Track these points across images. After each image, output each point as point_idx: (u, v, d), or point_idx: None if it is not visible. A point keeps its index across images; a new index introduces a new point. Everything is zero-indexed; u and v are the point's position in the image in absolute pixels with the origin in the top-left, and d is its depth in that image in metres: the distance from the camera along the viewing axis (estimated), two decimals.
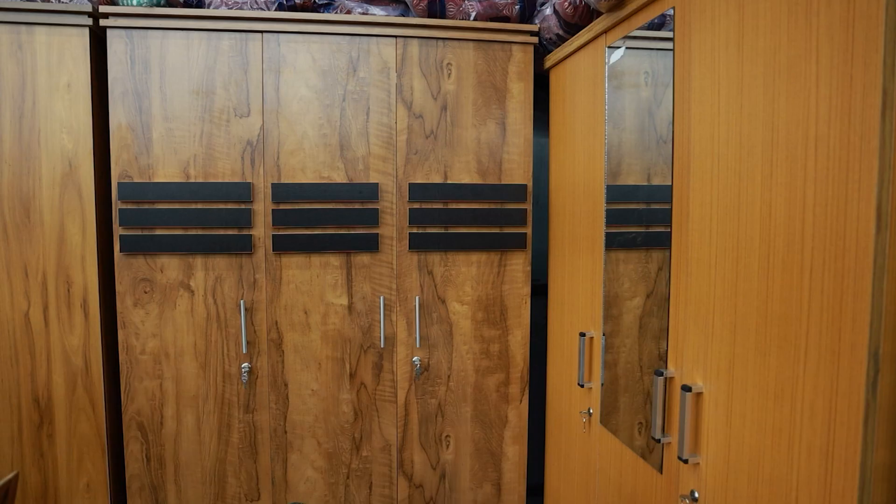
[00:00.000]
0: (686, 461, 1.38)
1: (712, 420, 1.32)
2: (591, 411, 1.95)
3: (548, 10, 2.09)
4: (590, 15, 1.96)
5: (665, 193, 1.67)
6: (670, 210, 1.54)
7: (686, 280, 1.44)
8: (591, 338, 1.95)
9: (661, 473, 1.55)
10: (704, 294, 1.35)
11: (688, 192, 1.43)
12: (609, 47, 1.81)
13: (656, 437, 1.52)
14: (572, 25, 2.00)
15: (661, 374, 1.51)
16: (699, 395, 1.37)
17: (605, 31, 1.81)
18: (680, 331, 1.48)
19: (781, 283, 1.07)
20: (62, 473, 2.06)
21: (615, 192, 1.84)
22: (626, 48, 1.75)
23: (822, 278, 0.97)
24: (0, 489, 1.30)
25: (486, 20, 2.14)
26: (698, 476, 1.38)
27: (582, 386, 1.96)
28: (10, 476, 1.36)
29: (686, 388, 1.37)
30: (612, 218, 1.85)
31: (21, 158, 1.97)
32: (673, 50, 1.49)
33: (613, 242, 1.84)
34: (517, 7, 2.14)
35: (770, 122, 1.10)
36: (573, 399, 2.08)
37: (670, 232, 1.53)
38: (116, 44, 1.99)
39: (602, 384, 1.88)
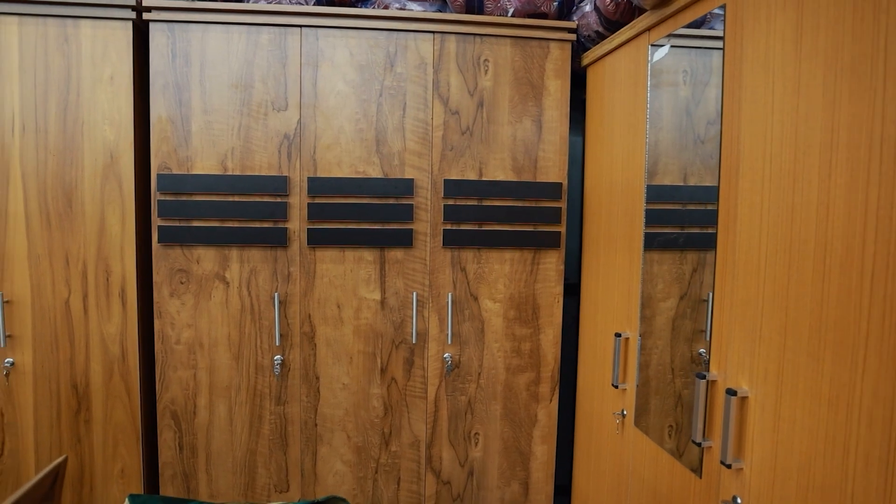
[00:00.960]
0: (729, 466, 1.36)
1: (758, 425, 1.30)
2: (625, 413, 1.93)
3: (587, 7, 2.07)
4: (632, 12, 1.94)
5: (703, 194, 1.65)
6: (712, 211, 1.52)
7: (732, 282, 1.42)
8: (627, 339, 1.93)
9: (701, 478, 1.53)
10: (752, 297, 1.32)
11: (736, 193, 1.41)
12: (652, 45, 1.79)
13: (697, 441, 1.50)
14: (613, 23, 1.98)
15: (704, 378, 1.49)
16: (744, 399, 1.34)
17: (649, 29, 1.79)
18: (724, 333, 1.45)
19: (839, 287, 1.05)
20: (98, 459, 2.09)
21: (653, 192, 1.82)
22: (671, 46, 1.72)
23: (884, 283, 0.95)
24: (51, 472, 1.32)
25: (524, 16, 2.12)
26: (741, 481, 1.35)
27: (616, 387, 1.94)
28: (59, 460, 1.38)
29: (731, 392, 1.34)
30: (650, 218, 1.83)
31: (65, 149, 2.00)
32: (723, 49, 1.46)
33: (653, 243, 1.82)
34: (555, 3, 2.12)
35: (830, 123, 1.08)
36: (605, 400, 2.06)
37: (715, 233, 1.51)
38: (158, 37, 2.01)
39: (637, 386, 1.87)
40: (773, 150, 1.25)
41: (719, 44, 1.54)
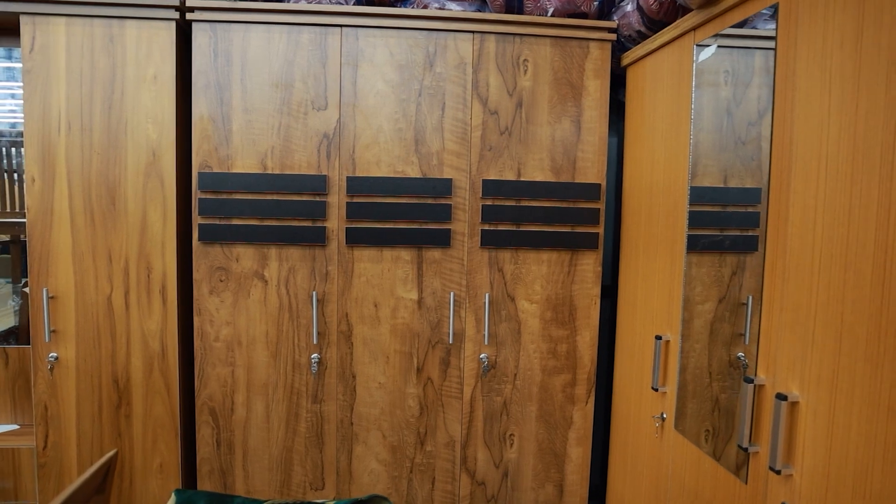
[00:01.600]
0: (779, 472, 1.33)
1: (810, 431, 1.27)
2: (665, 416, 1.91)
3: (629, 7, 2.05)
4: (675, 12, 1.92)
5: (746, 196, 1.62)
6: (753, 213, 1.50)
7: (782, 285, 1.39)
8: (668, 341, 1.90)
9: (746, 483, 1.51)
10: (803, 300, 1.30)
11: (787, 195, 1.38)
12: (697, 45, 1.77)
13: (743, 446, 1.48)
14: (656, 22, 1.96)
15: (751, 382, 1.47)
16: (795, 404, 1.32)
17: (694, 28, 1.77)
18: (773, 337, 1.43)
19: None
20: (137, 453, 2.12)
21: (695, 194, 1.80)
22: (718, 46, 1.70)
23: None
24: (103, 466, 1.34)
25: (564, 16, 2.11)
26: (791, 487, 1.33)
27: (656, 390, 1.92)
28: (111, 454, 1.41)
29: (781, 397, 1.32)
30: (693, 220, 1.81)
31: (109, 147, 2.03)
32: (774, 49, 1.44)
33: (696, 245, 1.80)
34: (595, 3, 2.10)
35: (893, 123, 1.05)
36: (644, 403, 2.04)
37: (757, 236, 1.48)
38: (201, 37, 2.03)
39: (678, 389, 1.84)
40: (830, 151, 1.23)
41: (766, 44, 1.51)
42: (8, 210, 2.32)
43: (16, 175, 2.33)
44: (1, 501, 2.10)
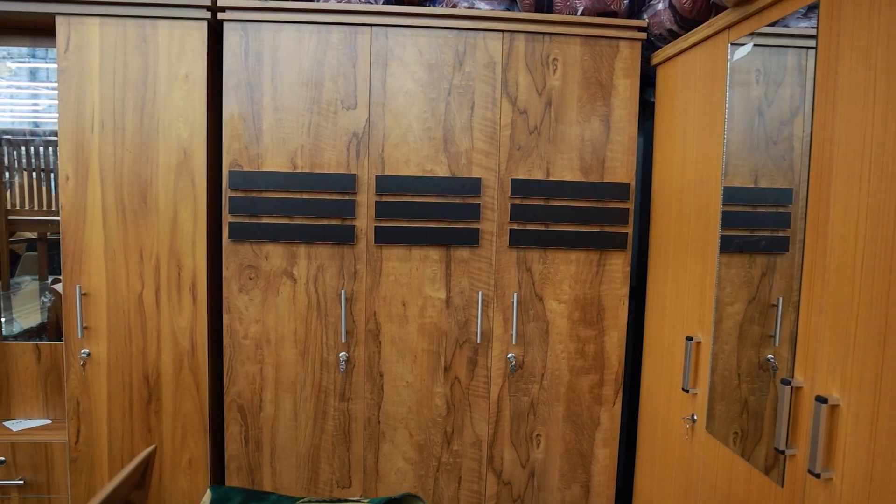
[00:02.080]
0: (818, 476, 1.32)
1: (851, 434, 1.26)
2: (696, 417, 1.89)
3: (660, 6, 2.03)
4: (709, 10, 1.90)
5: (777, 196, 1.61)
6: (783, 213, 1.49)
7: (821, 286, 1.38)
8: (699, 342, 1.89)
9: (782, 487, 1.49)
10: (845, 302, 1.28)
11: (827, 195, 1.36)
12: (732, 43, 1.75)
13: (780, 449, 1.46)
14: (689, 21, 1.94)
15: (789, 384, 1.45)
16: (835, 407, 1.30)
17: (729, 27, 1.75)
18: (811, 339, 1.41)
19: None
20: (167, 449, 2.14)
21: (728, 194, 1.78)
22: (754, 45, 1.68)
23: None
24: (142, 461, 1.36)
25: (594, 15, 2.10)
26: (831, 492, 1.31)
27: (686, 391, 1.91)
28: (150, 449, 1.42)
29: (821, 400, 1.31)
30: (725, 221, 1.79)
31: (140, 146, 2.05)
32: (815, 47, 1.42)
33: (729, 245, 1.78)
34: (625, 1, 2.09)
35: None
36: (673, 404, 2.02)
37: (802, 236, 1.47)
38: (232, 36, 2.05)
39: (709, 390, 1.83)
40: (874, 150, 1.21)
41: (801, 42, 1.50)
42: (36, 208, 2.35)
43: (43, 174, 2.35)
44: (34, 494, 2.13)
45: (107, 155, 2.05)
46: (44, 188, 2.35)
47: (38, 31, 2.20)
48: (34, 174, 2.33)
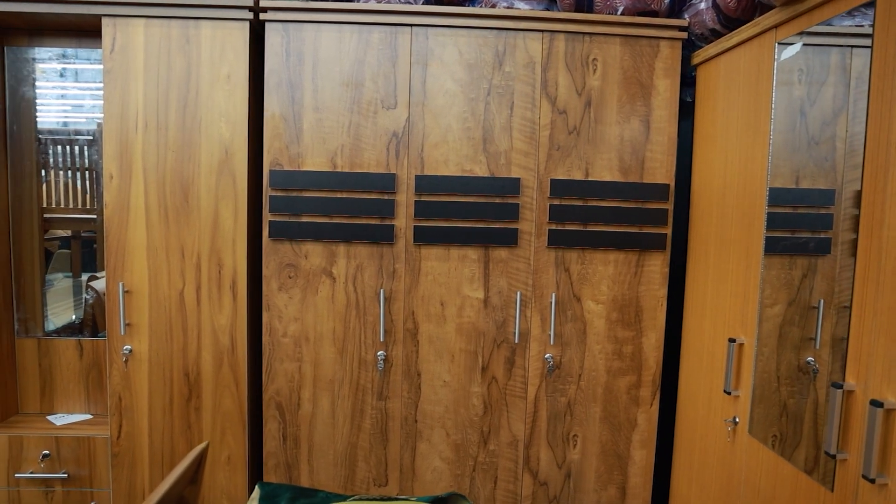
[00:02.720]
0: (873, 481, 1.30)
1: None
2: (738, 420, 1.88)
3: (702, 5, 2.02)
4: (753, 9, 1.89)
5: (819, 197, 1.60)
6: (826, 215, 1.47)
7: (875, 288, 1.36)
8: (741, 344, 1.88)
9: (832, 491, 1.48)
10: None
11: (882, 197, 1.35)
12: (779, 43, 1.74)
13: (831, 453, 1.45)
14: (732, 20, 1.93)
15: (840, 387, 1.44)
16: (890, 411, 1.29)
17: (776, 26, 1.74)
18: (864, 342, 1.39)
19: None
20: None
21: (772, 196, 1.77)
22: (804, 44, 1.67)
23: None
24: (196, 457, 1.37)
25: (634, 14, 2.09)
26: (886, 497, 1.30)
27: (728, 393, 1.89)
28: (203, 445, 1.44)
29: (876, 404, 1.29)
30: (770, 222, 1.78)
31: (183, 145, 2.07)
32: (871, 46, 1.41)
33: (776, 247, 1.77)
34: (666, 1, 2.08)
35: None
36: (713, 406, 2.01)
37: (855, 239, 1.45)
38: (273, 37, 2.06)
39: (752, 392, 1.82)
40: None
41: (847, 41, 1.49)
42: (71, 206, 2.38)
43: (78, 173, 2.38)
44: (76, 488, 2.16)
45: (150, 154, 2.07)
46: (78, 187, 2.38)
47: (82, 32, 2.23)
48: (69, 173, 2.37)
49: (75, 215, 2.39)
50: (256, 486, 1.53)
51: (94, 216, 2.39)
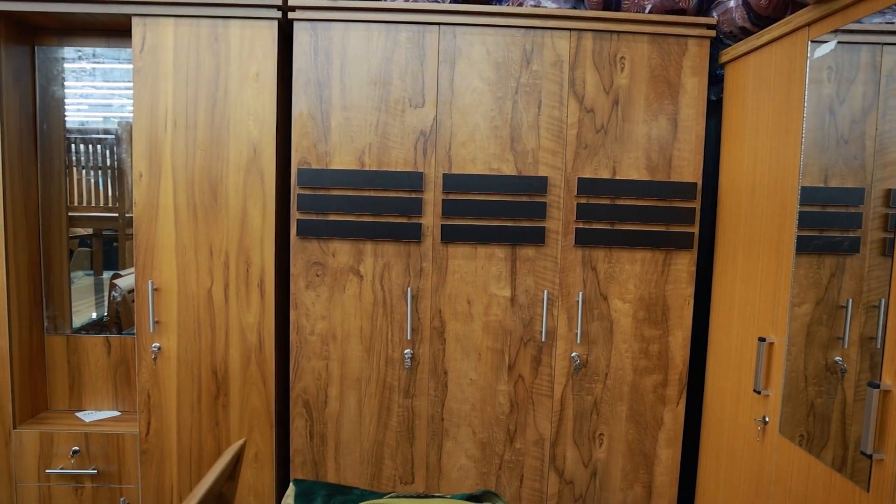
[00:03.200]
0: None
1: None
2: (767, 419, 1.87)
3: (732, 3, 2.01)
4: (784, 7, 1.88)
5: (848, 196, 1.59)
6: (857, 214, 1.47)
7: None
8: (771, 343, 1.87)
9: (868, 491, 1.47)
10: None
11: None
12: (812, 41, 1.73)
13: (867, 452, 1.44)
14: (763, 18, 1.92)
15: (877, 387, 1.43)
16: None
17: (809, 24, 1.73)
18: None
19: None
20: (234, 442, 2.17)
21: (804, 195, 1.77)
22: (838, 42, 1.66)
23: None
24: (235, 454, 1.38)
25: (662, 13, 2.09)
26: None
27: (758, 392, 1.89)
28: (240, 442, 1.45)
29: None
30: (801, 221, 1.78)
31: (212, 144, 2.08)
32: None
33: (808, 246, 1.76)
34: None
35: None
36: (742, 405, 2.01)
37: (888, 237, 1.45)
38: (302, 35, 2.07)
39: (783, 392, 1.81)
40: None
41: (879, 38, 1.48)
42: (93, 205, 2.40)
43: (101, 172, 2.39)
44: (106, 484, 2.18)
45: (179, 152, 2.09)
46: (99, 185, 2.40)
47: (111, 32, 2.25)
48: (90, 171, 2.38)
49: (96, 213, 2.40)
50: (291, 483, 1.54)
51: (115, 214, 2.41)
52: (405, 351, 2.14)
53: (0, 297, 2.10)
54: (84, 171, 2.36)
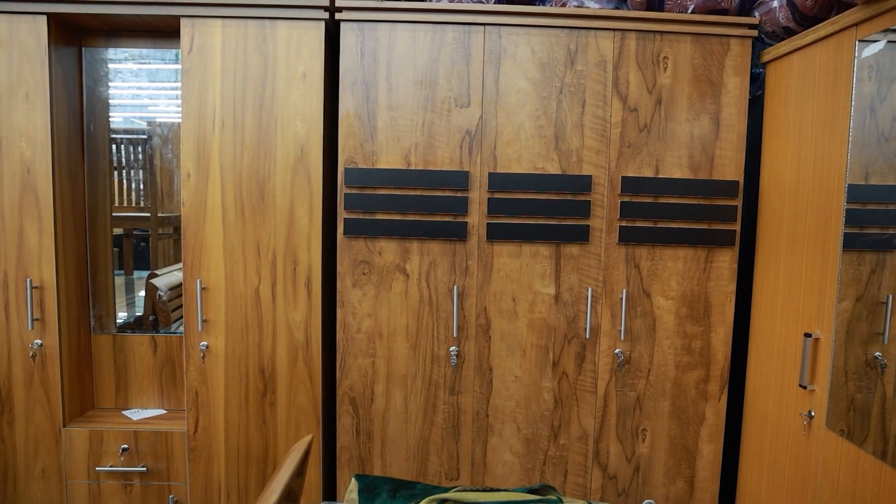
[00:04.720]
0: None
1: None
2: (813, 414, 1.90)
3: (775, 3, 2.04)
4: (830, 7, 1.90)
5: (889, 193, 1.62)
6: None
7: None
8: (817, 339, 1.90)
9: None
10: None
11: None
12: (860, 41, 1.75)
13: None
14: (808, 18, 1.95)
15: None
16: None
17: (857, 24, 1.75)
18: None
19: None
20: (281, 440, 2.19)
21: (851, 192, 1.79)
22: (888, 42, 1.68)
23: None
24: (305, 451, 1.41)
25: (704, 13, 2.11)
26: None
27: (804, 387, 1.91)
28: (308, 438, 1.47)
29: None
30: (847, 218, 1.80)
31: (259, 144, 2.10)
32: None
33: (855, 243, 1.79)
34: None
35: None
36: (786, 400, 2.03)
37: None
38: (349, 36, 2.09)
39: (830, 386, 1.84)
40: None
41: None
42: (125, 205, 2.42)
43: (133, 172, 2.40)
44: (155, 482, 2.20)
45: (227, 152, 2.11)
46: (132, 186, 2.42)
47: (157, 33, 2.27)
48: (123, 172, 2.39)
49: (127, 213, 2.42)
50: (353, 479, 1.56)
51: (147, 214, 2.43)
52: (451, 348, 2.16)
53: (50, 297, 2.13)
54: (124, 172, 2.38)
